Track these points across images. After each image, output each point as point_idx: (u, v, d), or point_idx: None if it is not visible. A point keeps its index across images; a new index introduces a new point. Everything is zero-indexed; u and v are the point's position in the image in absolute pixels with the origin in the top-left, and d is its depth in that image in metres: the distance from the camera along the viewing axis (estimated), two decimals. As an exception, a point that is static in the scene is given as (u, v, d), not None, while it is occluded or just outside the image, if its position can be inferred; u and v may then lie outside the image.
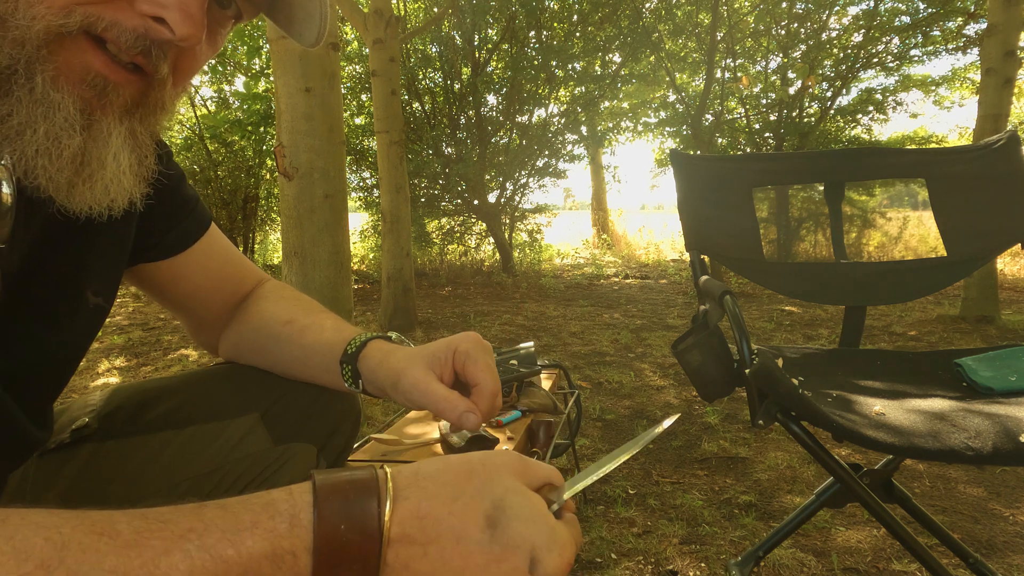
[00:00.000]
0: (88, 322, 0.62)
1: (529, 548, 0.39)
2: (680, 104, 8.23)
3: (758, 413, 1.05)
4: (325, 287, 2.59)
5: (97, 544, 0.34)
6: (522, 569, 0.38)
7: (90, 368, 3.52)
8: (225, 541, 0.35)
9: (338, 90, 2.62)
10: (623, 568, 1.51)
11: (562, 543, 0.40)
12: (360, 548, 0.37)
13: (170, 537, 0.35)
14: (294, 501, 0.38)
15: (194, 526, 0.36)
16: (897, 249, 8.35)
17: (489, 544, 0.38)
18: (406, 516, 0.38)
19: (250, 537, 0.36)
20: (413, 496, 0.39)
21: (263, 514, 0.37)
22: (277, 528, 0.36)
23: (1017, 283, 6.31)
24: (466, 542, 0.38)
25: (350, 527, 0.37)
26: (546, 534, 0.40)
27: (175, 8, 0.45)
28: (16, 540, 0.32)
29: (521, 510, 0.40)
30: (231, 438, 0.70)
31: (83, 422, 0.68)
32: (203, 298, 0.76)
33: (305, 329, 0.72)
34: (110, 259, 0.63)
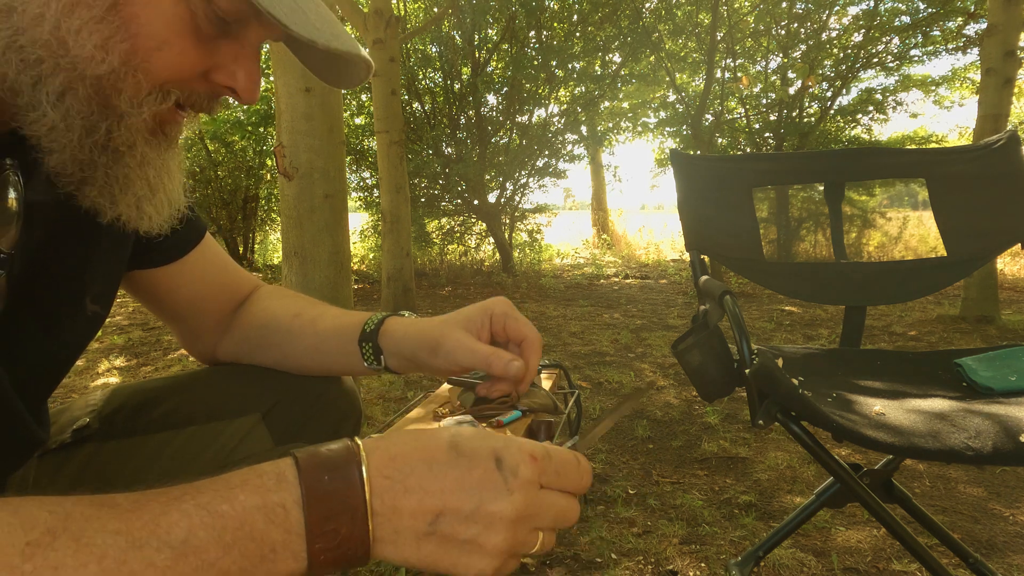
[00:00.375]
0: (86, 328, 0.62)
1: (490, 451, 0.43)
2: (680, 104, 8.23)
3: (758, 413, 1.05)
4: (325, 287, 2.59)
5: (99, 512, 0.36)
6: (491, 468, 0.43)
7: (90, 368, 3.53)
8: (219, 498, 0.38)
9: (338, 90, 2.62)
10: (623, 568, 1.51)
11: (519, 442, 0.45)
12: (346, 495, 0.40)
13: (166, 500, 0.38)
14: (278, 463, 0.41)
15: (187, 490, 0.39)
16: (897, 249, 8.35)
17: (456, 459, 0.43)
18: (380, 460, 0.42)
19: (241, 492, 0.39)
20: (381, 446, 0.43)
21: (251, 474, 0.40)
22: (265, 484, 0.40)
23: (1017, 283, 6.31)
24: (437, 464, 0.42)
25: (333, 477, 0.40)
26: (501, 439, 0.45)
27: (244, 81, 0.53)
28: (21, 513, 0.35)
29: (474, 433, 0.45)
30: (232, 439, 0.70)
31: (84, 422, 0.69)
32: (199, 306, 0.76)
33: (316, 319, 0.74)
34: (109, 266, 0.63)
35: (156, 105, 0.50)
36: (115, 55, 0.46)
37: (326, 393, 0.76)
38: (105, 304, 0.64)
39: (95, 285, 0.61)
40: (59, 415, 0.71)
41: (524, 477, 0.43)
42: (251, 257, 8.21)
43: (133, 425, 0.70)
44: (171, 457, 0.68)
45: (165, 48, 0.48)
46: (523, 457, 0.43)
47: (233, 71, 0.52)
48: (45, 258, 0.56)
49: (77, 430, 0.68)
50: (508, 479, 0.42)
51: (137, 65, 0.47)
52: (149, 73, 0.48)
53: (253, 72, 0.53)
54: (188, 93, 0.52)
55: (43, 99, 0.46)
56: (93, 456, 0.68)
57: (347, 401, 0.79)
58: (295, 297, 0.79)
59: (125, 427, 0.70)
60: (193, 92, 0.52)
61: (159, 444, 0.69)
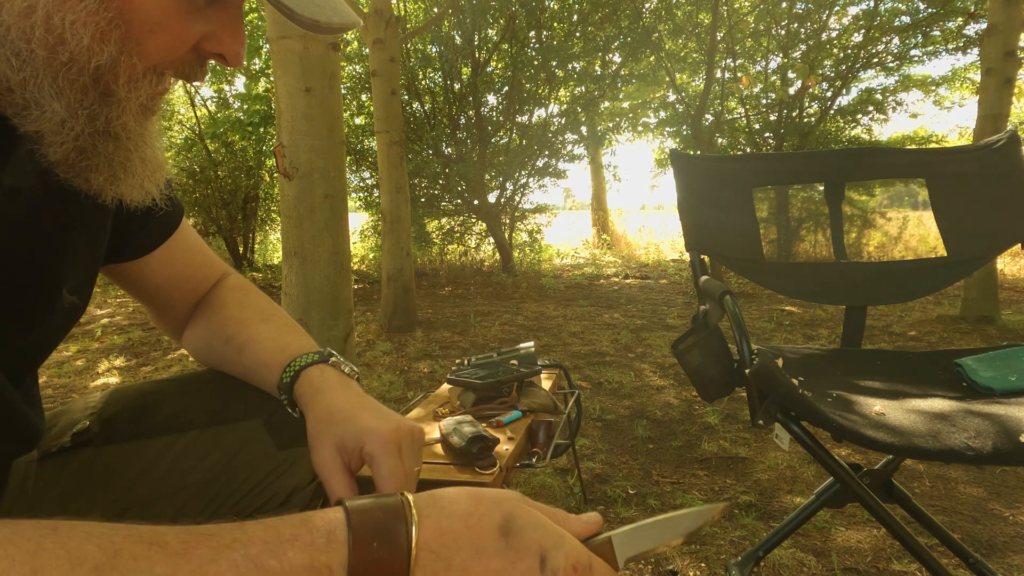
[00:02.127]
0: (63, 320, 0.61)
1: (538, 549, 0.43)
2: (680, 104, 8.23)
3: (758, 413, 1.05)
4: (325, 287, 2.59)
5: (148, 552, 0.36)
6: (534, 567, 0.42)
7: (90, 368, 3.53)
8: (268, 552, 0.38)
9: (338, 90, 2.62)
10: (623, 568, 1.51)
11: (569, 545, 0.44)
12: (390, 565, 0.40)
13: (216, 547, 0.37)
14: (329, 519, 0.41)
15: (238, 537, 0.38)
16: (897, 249, 8.35)
17: (504, 550, 0.42)
18: (429, 534, 0.41)
19: (291, 549, 0.38)
20: (434, 515, 0.42)
21: (302, 528, 0.40)
22: (315, 542, 0.39)
23: (1017, 283, 6.31)
24: (484, 551, 0.42)
25: (381, 545, 0.40)
26: (553, 537, 0.44)
27: (232, 45, 0.53)
28: (70, 546, 0.34)
29: (529, 519, 0.44)
30: (234, 443, 0.70)
31: (83, 425, 0.68)
32: (165, 294, 0.76)
33: (243, 347, 0.71)
34: (86, 257, 0.63)
35: (152, 87, 0.50)
36: (112, 44, 0.46)
37: None
38: (83, 295, 0.63)
39: (73, 276, 0.61)
40: (58, 417, 0.70)
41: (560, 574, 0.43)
42: (251, 257, 8.20)
43: (134, 429, 0.69)
44: (173, 461, 0.68)
45: (159, 30, 0.48)
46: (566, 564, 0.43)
47: (221, 38, 0.52)
48: (21, 247, 0.55)
49: (77, 433, 0.67)
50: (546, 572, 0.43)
51: (132, 49, 0.47)
52: (144, 56, 0.48)
53: (239, 35, 0.53)
54: (180, 68, 0.52)
55: (45, 94, 0.46)
56: (93, 460, 0.67)
57: None
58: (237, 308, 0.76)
59: (126, 431, 0.69)
60: (186, 64, 0.52)
61: (161, 448, 0.68)
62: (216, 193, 7.61)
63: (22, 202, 0.53)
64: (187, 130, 8.03)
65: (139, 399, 0.72)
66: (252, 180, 7.71)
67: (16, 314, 0.56)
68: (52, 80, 0.46)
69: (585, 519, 0.49)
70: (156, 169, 0.55)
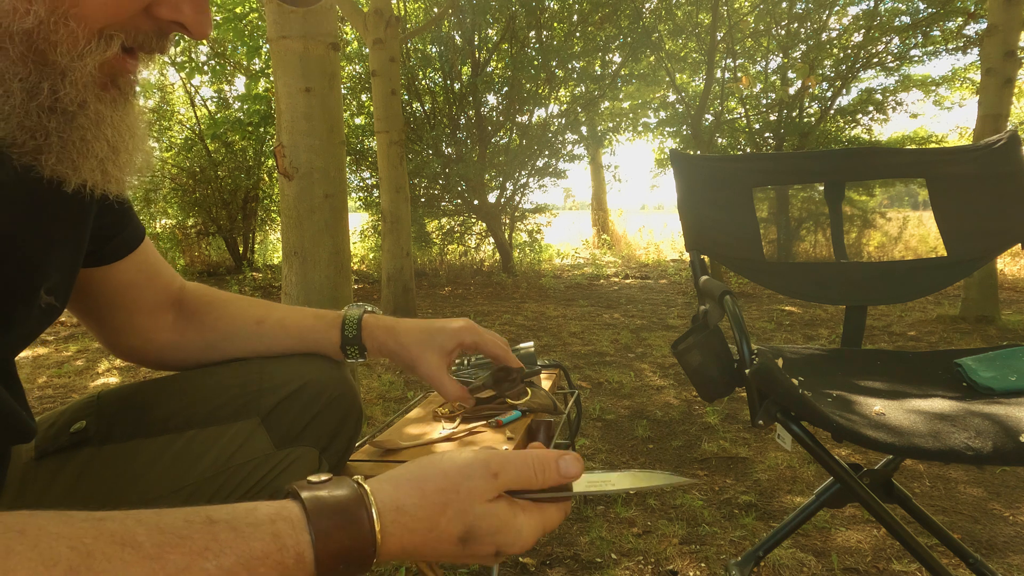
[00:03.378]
0: (39, 320, 0.60)
1: (493, 548, 0.47)
2: (680, 104, 8.23)
3: (758, 413, 1.05)
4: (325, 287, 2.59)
5: (121, 554, 0.35)
6: (489, 555, 0.47)
7: (90, 368, 3.52)
8: (240, 566, 0.39)
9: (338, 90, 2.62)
10: (623, 568, 1.51)
11: (524, 537, 0.48)
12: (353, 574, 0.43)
13: (189, 553, 0.37)
14: (297, 538, 0.41)
15: (210, 545, 0.38)
16: (897, 249, 8.35)
17: (461, 553, 0.47)
18: (392, 548, 0.44)
19: (262, 566, 0.39)
20: (396, 532, 0.44)
21: (272, 545, 0.40)
22: (285, 562, 0.40)
23: (1017, 283, 6.31)
24: (442, 553, 0.46)
25: (348, 564, 0.42)
26: (510, 537, 0.47)
27: (191, 12, 0.49)
28: (41, 547, 0.34)
29: (490, 528, 0.47)
30: (232, 442, 0.69)
31: (81, 425, 0.68)
32: (133, 298, 0.75)
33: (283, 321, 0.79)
34: (65, 258, 0.62)
35: (100, 54, 0.46)
36: (39, 4, 0.42)
37: (326, 395, 0.76)
38: (61, 297, 0.62)
39: (51, 276, 0.59)
40: (56, 417, 0.70)
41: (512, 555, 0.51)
42: (251, 257, 8.20)
43: (132, 428, 0.69)
44: (171, 461, 0.67)
45: None
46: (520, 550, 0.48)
47: (177, 3, 0.48)
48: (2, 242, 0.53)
49: (75, 433, 0.67)
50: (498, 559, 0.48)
51: (67, 12, 0.43)
52: (83, 19, 0.44)
53: (199, 2, 0.49)
54: (134, 34, 0.48)
55: None
56: (91, 460, 0.66)
57: (347, 402, 0.78)
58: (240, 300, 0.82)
59: (124, 430, 0.69)
60: (139, 32, 0.48)
61: (159, 448, 0.68)
62: (216, 193, 7.61)
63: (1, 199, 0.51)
64: (187, 130, 8.03)
65: (137, 398, 0.72)
66: (252, 180, 7.71)
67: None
68: None
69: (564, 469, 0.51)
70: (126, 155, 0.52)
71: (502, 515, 0.47)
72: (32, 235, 0.56)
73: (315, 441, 0.73)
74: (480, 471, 0.47)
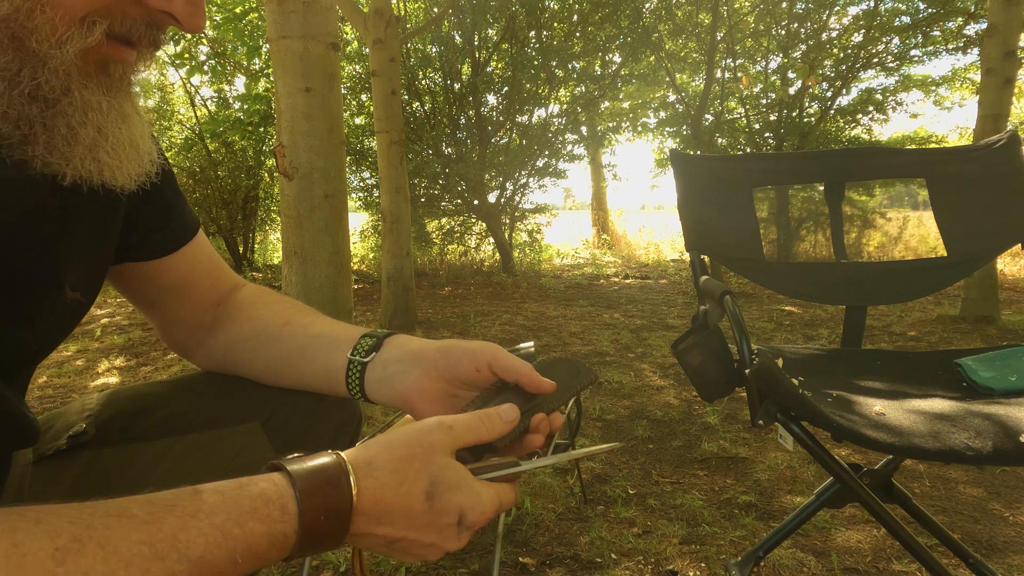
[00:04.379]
0: (65, 317, 0.60)
1: (457, 509, 0.50)
2: (680, 104, 8.23)
3: (758, 413, 1.05)
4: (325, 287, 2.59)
5: (119, 523, 0.38)
6: (452, 524, 0.50)
7: (90, 368, 3.52)
8: (231, 522, 0.42)
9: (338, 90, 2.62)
10: (623, 568, 1.51)
11: (484, 502, 0.51)
12: (332, 529, 0.46)
13: (182, 516, 0.40)
14: (281, 493, 0.45)
15: (200, 508, 0.41)
16: (897, 249, 8.35)
17: (428, 512, 0.49)
18: (365, 502, 0.47)
19: (251, 520, 0.42)
20: (369, 486, 0.48)
21: (259, 501, 0.44)
22: (272, 515, 0.44)
23: (1017, 283, 6.31)
24: (410, 513, 0.49)
25: (328, 516, 0.46)
26: (471, 497, 0.51)
27: (183, 3, 0.48)
28: (44, 522, 0.36)
29: (451, 482, 0.50)
30: (232, 447, 0.69)
31: (80, 428, 0.67)
32: (183, 294, 0.75)
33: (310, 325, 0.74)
34: (91, 254, 0.61)
35: (81, 40, 0.44)
36: None
37: (326, 399, 0.75)
38: (87, 292, 0.61)
39: (74, 272, 0.59)
40: (54, 419, 0.69)
41: (470, 530, 0.52)
42: (251, 257, 8.20)
43: (131, 431, 0.68)
44: (171, 465, 0.67)
45: None
46: (479, 519, 0.51)
47: None
48: (13, 244, 0.52)
49: (73, 436, 0.66)
50: (461, 532, 0.51)
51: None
52: (62, 5, 0.43)
53: None
54: (120, 19, 0.47)
55: None
56: (91, 463, 0.66)
57: (347, 406, 0.78)
58: (285, 302, 0.77)
59: (123, 433, 0.68)
60: (127, 19, 0.47)
61: (159, 451, 0.67)
62: (216, 193, 7.60)
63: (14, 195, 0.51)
64: (187, 130, 8.03)
65: (136, 401, 0.71)
66: (252, 180, 7.70)
67: (12, 309, 0.55)
68: None
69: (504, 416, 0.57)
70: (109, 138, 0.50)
71: (460, 470, 0.51)
72: (45, 231, 0.55)
73: (315, 446, 0.73)
74: (436, 425, 0.53)
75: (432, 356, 0.64)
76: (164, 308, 0.75)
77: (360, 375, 0.66)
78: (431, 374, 0.64)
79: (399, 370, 0.65)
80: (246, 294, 0.79)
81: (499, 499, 0.54)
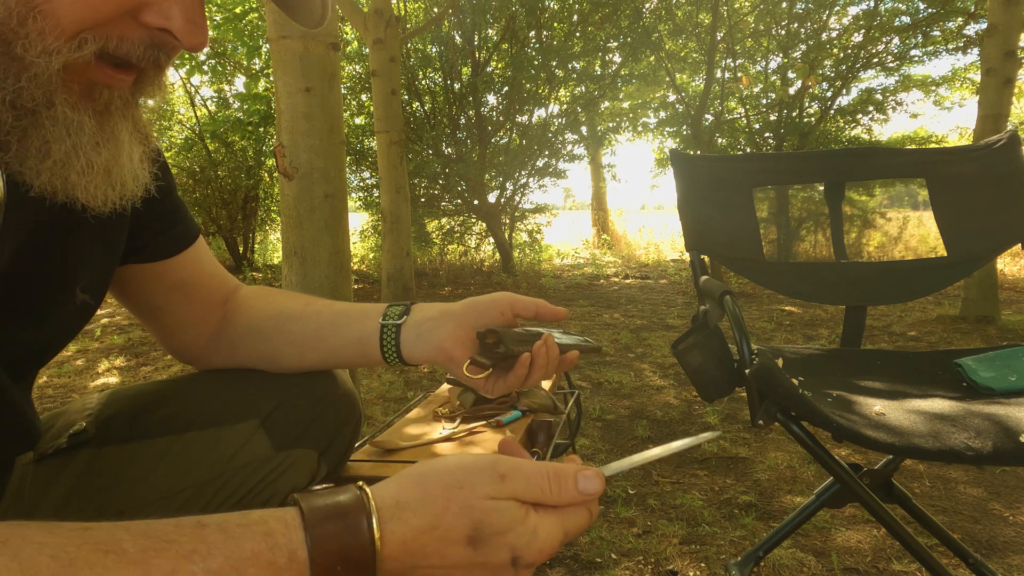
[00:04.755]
0: (73, 319, 0.61)
1: (510, 551, 0.43)
2: (680, 104, 8.23)
3: (758, 413, 1.05)
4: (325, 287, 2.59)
5: (104, 561, 0.34)
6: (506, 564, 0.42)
7: (90, 368, 3.52)
8: (228, 567, 0.37)
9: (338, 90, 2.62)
10: (623, 568, 1.51)
11: (541, 539, 0.44)
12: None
13: (175, 556, 0.36)
14: (290, 536, 0.39)
15: (197, 548, 0.37)
16: (897, 249, 8.35)
17: (473, 556, 0.42)
18: (394, 548, 0.41)
19: (252, 566, 0.37)
20: (398, 530, 0.41)
21: (263, 544, 0.38)
22: (277, 561, 0.38)
23: (1017, 283, 6.31)
24: (450, 559, 0.42)
25: (345, 565, 0.39)
26: (525, 536, 0.43)
27: (181, 19, 0.46)
28: (22, 558, 0.33)
29: (500, 526, 0.43)
30: (231, 445, 0.69)
31: (80, 427, 0.67)
32: (186, 297, 0.75)
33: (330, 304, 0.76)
34: (100, 257, 0.62)
35: (68, 54, 0.43)
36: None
37: (325, 397, 0.75)
38: (95, 294, 0.63)
39: (83, 274, 0.60)
40: (55, 419, 0.70)
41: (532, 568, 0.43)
42: (251, 257, 8.20)
43: (131, 430, 0.69)
44: (171, 463, 0.67)
45: None
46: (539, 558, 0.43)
47: (166, 8, 0.45)
48: (28, 246, 0.54)
49: (73, 435, 0.66)
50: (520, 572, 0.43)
51: (38, 6, 0.42)
52: (55, 16, 0.42)
53: (191, 9, 0.46)
54: (117, 41, 0.45)
55: None
56: (91, 462, 0.66)
57: (346, 404, 0.78)
58: (292, 292, 0.81)
59: (123, 432, 0.68)
60: (124, 40, 0.46)
61: (158, 450, 0.68)
62: (216, 193, 7.61)
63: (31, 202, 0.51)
64: (187, 130, 8.03)
65: (136, 400, 0.72)
66: (252, 180, 7.71)
67: (28, 312, 0.56)
68: None
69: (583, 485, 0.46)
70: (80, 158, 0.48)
71: (511, 511, 0.44)
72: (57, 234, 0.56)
73: (314, 443, 0.73)
74: (487, 471, 0.45)
75: (460, 310, 0.70)
76: (169, 311, 0.76)
77: (396, 337, 0.71)
78: (464, 325, 0.69)
79: (433, 327, 0.70)
80: (251, 290, 0.81)
81: (563, 529, 0.46)
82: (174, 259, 0.72)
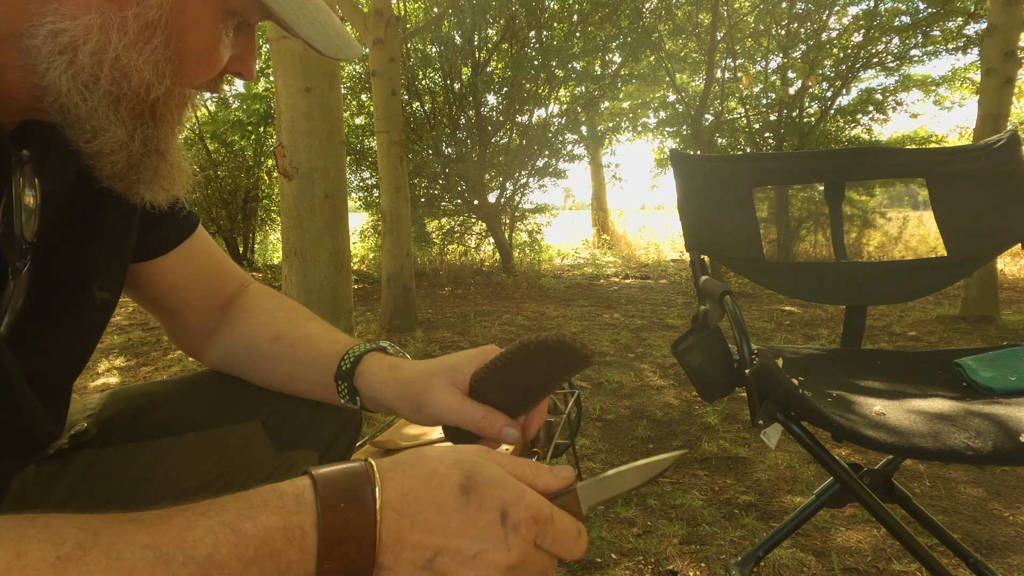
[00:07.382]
0: (96, 316, 0.63)
1: (499, 504, 0.44)
2: (680, 104, 8.23)
3: (758, 413, 1.05)
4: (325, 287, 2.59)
5: (127, 527, 0.38)
6: (495, 521, 0.44)
7: (90, 368, 3.52)
8: (242, 516, 0.40)
9: (338, 90, 2.62)
10: (623, 568, 1.51)
11: (529, 500, 0.46)
12: (358, 523, 0.42)
13: (191, 515, 0.39)
14: (296, 484, 0.43)
15: (211, 507, 0.40)
16: (897, 249, 8.35)
17: (465, 507, 0.44)
18: (392, 494, 0.44)
19: (263, 512, 0.40)
20: (396, 478, 0.44)
21: (271, 494, 0.42)
22: (286, 504, 0.41)
23: (1017, 283, 6.31)
24: (444, 508, 0.44)
25: (348, 505, 0.42)
26: (514, 493, 0.45)
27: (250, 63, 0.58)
28: (50, 528, 0.36)
29: (490, 476, 0.45)
30: (232, 445, 0.70)
31: (81, 427, 0.68)
32: (182, 298, 0.75)
33: (295, 344, 0.71)
34: (115, 253, 0.64)
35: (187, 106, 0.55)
36: (167, 77, 0.51)
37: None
38: (114, 291, 0.64)
39: (102, 272, 0.62)
40: None
41: (523, 535, 0.45)
42: (251, 257, 8.20)
43: (132, 431, 0.69)
44: (172, 464, 0.67)
45: (203, 62, 0.53)
46: (527, 517, 0.45)
47: (244, 59, 0.57)
48: (55, 246, 0.57)
49: (75, 435, 0.67)
50: (509, 535, 0.44)
51: (181, 79, 0.52)
52: (189, 83, 0.54)
53: (255, 54, 0.59)
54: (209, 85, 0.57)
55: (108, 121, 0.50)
56: (92, 462, 0.66)
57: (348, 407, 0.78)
58: (277, 311, 0.76)
59: (124, 432, 0.69)
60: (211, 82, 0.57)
61: (160, 450, 0.68)
62: (216, 193, 7.60)
63: (53, 204, 0.55)
64: (187, 130, 8.02)
65: (137, 401, 0.72)
66: (252, 180, 7.70)
67: (56, 312, 0.58)
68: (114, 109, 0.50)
69: (556, 472, 0.50)
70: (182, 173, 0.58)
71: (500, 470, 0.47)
72: (80, 234, 0.59)
73: (315, 444, 0.74)
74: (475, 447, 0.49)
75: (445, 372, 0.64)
76: (173, 303, 0.76)
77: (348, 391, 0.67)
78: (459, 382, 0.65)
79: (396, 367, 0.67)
80: (248, 297, 0.78)
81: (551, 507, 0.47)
82: (166, 258, 0.72)
